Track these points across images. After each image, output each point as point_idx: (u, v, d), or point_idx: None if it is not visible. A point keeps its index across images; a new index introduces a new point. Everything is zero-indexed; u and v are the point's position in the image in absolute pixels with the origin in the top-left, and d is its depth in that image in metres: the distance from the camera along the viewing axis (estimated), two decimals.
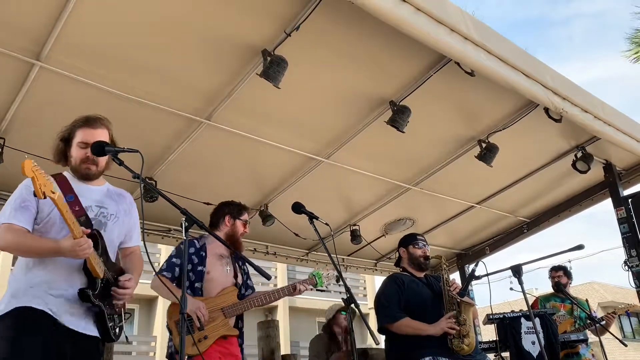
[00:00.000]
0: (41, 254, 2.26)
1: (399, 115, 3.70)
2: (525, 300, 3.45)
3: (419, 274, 3.69)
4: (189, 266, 3.19)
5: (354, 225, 5.66)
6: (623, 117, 4.22)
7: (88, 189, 2.45)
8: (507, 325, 4.22)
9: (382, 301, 3.57)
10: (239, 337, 3.28)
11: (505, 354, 4.34)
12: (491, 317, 4.27)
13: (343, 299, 2.82)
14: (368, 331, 2.84)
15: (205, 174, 4.49)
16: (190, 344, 2.88)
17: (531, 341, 4.10)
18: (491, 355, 4.32)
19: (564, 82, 3.69)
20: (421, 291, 3.57)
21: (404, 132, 3.73)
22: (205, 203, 4.31)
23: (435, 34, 2.89)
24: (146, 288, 3.23)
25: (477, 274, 3.59)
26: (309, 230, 3.51)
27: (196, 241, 3.33)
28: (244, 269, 3.48)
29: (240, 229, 3.44)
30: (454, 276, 6.57)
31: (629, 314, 5.20)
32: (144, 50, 3.15)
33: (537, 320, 4.10)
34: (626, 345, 5.37)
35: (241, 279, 3.40)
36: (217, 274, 3.26)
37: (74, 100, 3.34)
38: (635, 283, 4.65)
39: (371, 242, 6.05)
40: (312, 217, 2.97)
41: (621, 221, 4.78)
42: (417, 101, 3.72)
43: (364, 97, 3.80)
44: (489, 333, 5.28)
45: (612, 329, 4.99)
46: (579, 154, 4.60)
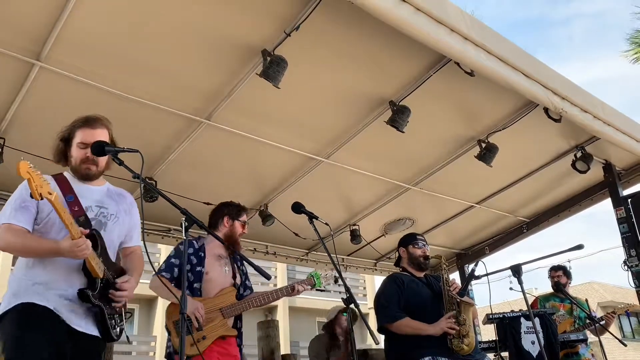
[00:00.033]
0: (40, 254, 2.26)
1: (398, 115, 3.71)
2: (525, 300, 3.45)
3: (419, 274, 3.69)
4: (188, 267, 3.19)
5: (354, 225, 5.66)
6: (623, 117, 4.22)
7: (88, 189, 2.45)
8: (507, 325, 4.22)
9: (381, 301, 3.57)
10: (238, 338, 3.28)
11: (504, 354, 4.34)
12: (491, 316, 4.27)
13: (343, 299, 2.82)
14: (368, 331, 2.84)
15: (205, 174, 4.49)
16: (189, 344, 2.88)
17: (531, 341, 4.10)
18: (491, 355, 4.32)
19: (564, 82, 3.69)
20: (421, 291, 3.57)
21: (403, 132, 3.73)
22: (205, 203, 4.31)
23: (435, 34, 2.89)
24: (146, 288, 3.22)
25: (476, 273, 3.59)
26: (308, 230, 3.51)
27: (195, 242, 3.33)
28: (242, 269, 3.48)
29: (239, 230, 3.44)
30: (454, 276, 6.55)
31: (628, 313, 5.20)
32: (144, 50, 3.15)
33: (536, 320, 4.10)
34: (626, 345, 5.37)
35: (240, 279, 3.40)
36: (216, 274, 3.26)
37: (74, 100, 3.34)
38: (635, 283, 4.65)
39: (371, 242, 6.05)
40: (311, 217, 2.98)
41: (621, 221, 4.78)
42: (417, 101, 3.72)
43: (364, 97, 3.81)
44: (488, 333, 5.28)
45: (611, 329, 4.99)
46: (579, 154, 4.60)
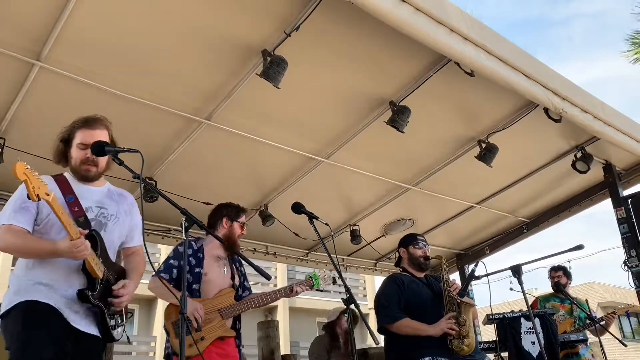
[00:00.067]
0: (40, 255, 2.26)
1: (398, 116, 3.70)
2: (525, 300, 3.45)
3: (419, 274, 3.69)
4: (187, 268, 3.18)
5: (354, 225, 5.66)
6: (623, 118, 4.22)
7: (88, 190, 2.45)
8: (507, 326, 4.22)
9: (382, 301, 3.57)
10: (237, 338, 3.28)
11: (504, 354, 4.34)
12: (491, 317, 4.27)
13: (343, 299, 2.82)
14: (368, 331, 2.84)
15: (205, 174, 4.49)
16: (187, 344, 2.88)
17: (531, 341, 4.10)
18: (491, 355, 4.32)
19: (564, 83, 3.69)
20: (421, 291, 3.57)
21: (403, 132, 3.73)
22: (205, 203, 4.31)
23: (435, 34, 2.89)
24: (146, 288, 3.22)
25: (476, 274, 3.60)
26: (308, 230, 3.51)
27: (194, 243, 3.32)
28: (241, 270, 3.48)
29: (238, 231, 3.43)
30: (454, 276, 6.59)
31: (628, 314, 5.20)
32: (144, 50, 3.15)
33: (536, 321, 4.10)
34: (626, 345, 5.38)
35: (238, 280, 3.40)
36: (215, 275, 3.26)
37: (74, 100, 3.34)
38: (635, 283, 4.65)
39: (371, 242, 6.04)
40: (312, 217, 2.98)
41: (621, 221, 4.78)
42: (417, 101, 3.72)
43: (364, 97, 3.81)
44: (488, 333, 5.28)
45: (611, 329, 4.99)
46: (579, 154, 4.60)
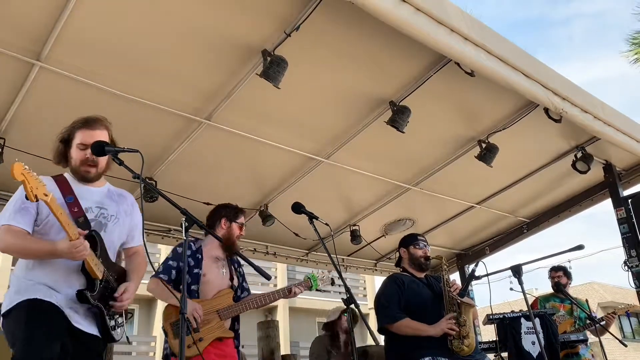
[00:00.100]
0: (39, 255, 2.26)
1: (398, 116, 3.70)
2: (525, 300, 3.45)
3: (420, 275, 3.69)
4: (186, 268, 3.18)
5: (354, 225, 5.66)
6: (623, 118, 4.22)
7: (88, 190, 2.45)
8: (507, 326, 4.22)
9: (382, 301, 3.57)
10: (235, 339, 3.28)
11: (504, 354, 4.34)
12: (491, 317, 4.27)
13: (343, 299, 2.82)
14: (368, 331, 2.84)
15: (205, 174, 4.49)
16: (185, 345, 2.87)
17: (531, 341, 4.10)
18: (491, 356, 4.32)
19: (564, 83, 3.69)
20: (421, 291, 3.57)
21: (403, 132, 3.73)
22: (205, 203, 4.31)
23: (435, 34, 2.89)
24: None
25: (477, 274, 3.60)
26: (309, 231, 3.51)
27: (192, 244, 3.31)
28: (239, 271, 3.48)
29: (236, 232, 3.42)
30: (454, 276, 6.58)
31: (628, 314, 5.19)
32: (144, 50, 3.15)
33: (537, 321, 4.10)
34: (626, 345, 5.38)
35: (237, 281, 3.40)
36: (213, 276, 3.26)
37: (74, 100, 3.34)
38: (635, 283, 4.64)
39: (371, 242, 6.04)
40: (312, 217, 2.98)
41: (621, 221, 4.78)
42: (417, 101, 3.72)
43: (364, 97, 3.80)
44: (488, 333, 5.28)
45: (611, 330, 4.99)
46: (579, 154, 4.60)
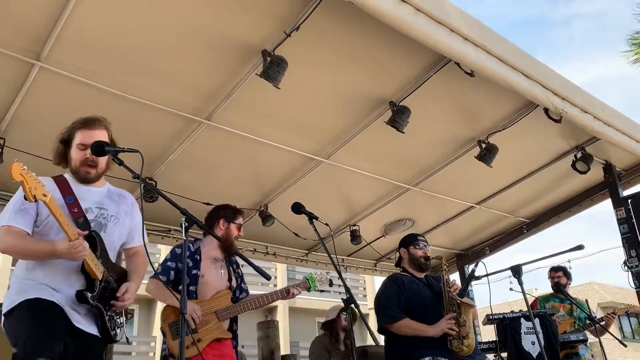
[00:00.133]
0: (39, 256, 2.27)
1: (398, 116, 3.70)
2: (525, 300, 3.45)
3: (420, 275, 3.69)
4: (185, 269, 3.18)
5: (354, 225, 5.66)
6: (623, 118, 4.22)
7: (88, 191, 2.45)
8: (507, 326, 4.22)
9: (382, 301, 3.57)
10: (233, 340, 3.27)
11: (504, 355, 4.34)
12: (491, 317, 4.27)
13: (343, 299, 2.82)
14: (368, 331, 2.84)
15: (205, 174, 4.49)
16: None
17: (531, 341, 4.10)
18: (491, 356, 4.32)
19: (564, 83, 3.69)
20: (421, 292, 3.57)
21: (403, 132, 3.73)
22: (205, 203, 4.30)
23: (435, 34, 2.89)
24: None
25: (476, 274, 3.60)
26: (308, 231, 3.51)
27: (191, 245, 3.31)
28: (238, 272, 3.48)
29: (235, 233, 3.42)
30: (454, 277, 6.58)
31: (628, 314, 5.20)
32: (144, 50, 3.15)
33: (536, 321, 4.10)
34: (626, 345, 5.38)
35: (235, 282, 3.40)
36: (212, 277, 3.26)
37: (74, 100, 3.34)
38: (635, 283, 4.64)
39: (371, 242, 6.04)
40: (311, 217, 2.98)
41: (621, 222, 4.78)
42: (417, 101, 3.72)
43: (364, 97, 3.80)
44: (488, 333, 5.28)
45: (611, 330, 4.99)
46: (579, 155, 4.60)
